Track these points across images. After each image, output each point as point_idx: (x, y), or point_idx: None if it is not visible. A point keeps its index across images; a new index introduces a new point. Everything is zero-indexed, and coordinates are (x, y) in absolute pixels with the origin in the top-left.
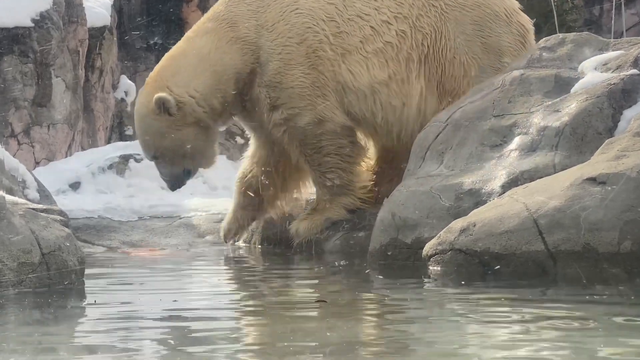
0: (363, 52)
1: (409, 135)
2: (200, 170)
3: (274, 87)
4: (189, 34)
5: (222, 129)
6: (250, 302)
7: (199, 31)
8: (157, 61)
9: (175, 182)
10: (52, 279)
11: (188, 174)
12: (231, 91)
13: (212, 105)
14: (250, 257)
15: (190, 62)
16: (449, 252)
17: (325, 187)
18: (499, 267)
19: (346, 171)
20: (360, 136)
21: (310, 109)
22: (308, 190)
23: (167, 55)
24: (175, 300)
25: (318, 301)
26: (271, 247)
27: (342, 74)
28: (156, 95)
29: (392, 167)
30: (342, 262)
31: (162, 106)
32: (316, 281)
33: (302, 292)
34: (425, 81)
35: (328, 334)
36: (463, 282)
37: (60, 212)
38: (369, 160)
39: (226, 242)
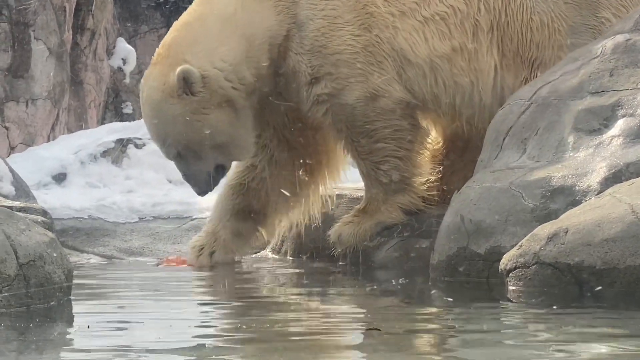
0: (419, 17)
1: (482, 121)
2: None
3: (317, 53)
4: None
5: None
6: (281, 330)
7: None
8: (165, 20)
9: (206, 183)
10: (32, 297)
11: (222, 170)
12: (264, 62)
13: (243, 79)
14: (281, 271)
15: (211, 26)
16: (533, 266)
17: (378, 183)
18: (600, 287)
19: (405, 161)
20: (421, 118)
21: (362, 81)
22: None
23: (177, 23)
24: (188, 325)
25: (369, 329)
26: (307, 258)
27: (398, 40)
28: (178, 69)
29: (462, 157)
30: (400, 281)
31: (185, 83)
32: (366, 303)
33: (348, 318)
34: (499, 54)
35: None
36: (555, 307)
37: (42, 212)
38: (433, 147)
39: (195, 265)
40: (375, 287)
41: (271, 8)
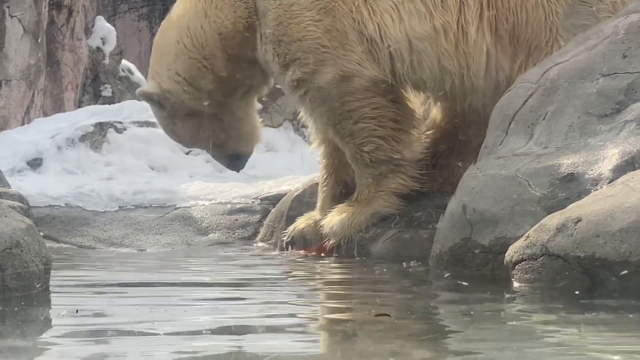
0: None
1: (477, 105)
2: None
3: (280, 42)
4: None
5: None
6: (283, 318)
7: None
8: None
9: (230, 165)
10: (8, 287)
11: (238, 157)
12: (222, 63)
13: (202, 89)
14: (278, 261)
15: (170, 38)
16: (541, 258)
17: (365, 166)
18: (614, 282)
19: (388, 141)
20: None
21: (331, 64)
22: None
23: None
24: (185, 310)
25: (378, 315)
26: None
27: (365, 25)
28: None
29: (479, 132)
30: (412, 263)
31: (150, 100)
32: (374, 288)
33: (355, 303)
34: (492, 35)
35: (392, 359)
36: (566, 303)
37: (18, 197)
38: (430, 130)
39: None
40: (384, 270)
41: (226, 7)
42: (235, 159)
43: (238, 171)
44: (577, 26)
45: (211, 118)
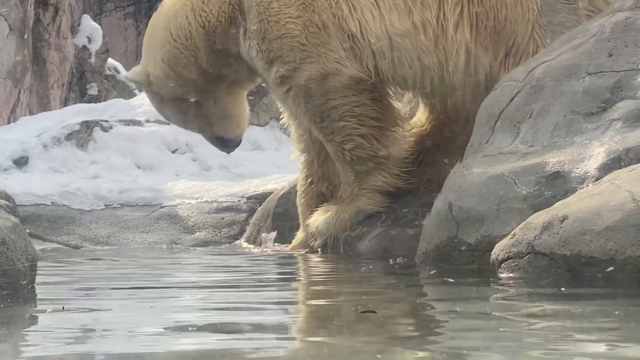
0: None
1: (457, 102)
2: (189, 144)
3: (263, 39)
4: None
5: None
6: (268, 316)
7: None
8: None
9: (220, 146)
10: None
11: (222, 140)
12: (205, 56)
13: (183, 78)
14: (265, 259)
15: (159, 26)
16: (527, 256)
17: (347, 164)
18: (600, 279)
19: (369, 139)
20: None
21: (311, 62)
22: None
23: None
24: (171, 307)
25: (364, 312)
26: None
27: (346, 21)
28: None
29: (448, 137)
30: (398, 260)
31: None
32: (360, 285)
33: (342, 300)
34: (472, 31)
35: (379, 356)
36: (552, 300)
37: (4, 195)
38: (417, 127)
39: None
40: (370, 266)
41: (212, 2)
42: (223, 142)
43: (228, 152)
44: (555, 23)
45: (196, 103)
